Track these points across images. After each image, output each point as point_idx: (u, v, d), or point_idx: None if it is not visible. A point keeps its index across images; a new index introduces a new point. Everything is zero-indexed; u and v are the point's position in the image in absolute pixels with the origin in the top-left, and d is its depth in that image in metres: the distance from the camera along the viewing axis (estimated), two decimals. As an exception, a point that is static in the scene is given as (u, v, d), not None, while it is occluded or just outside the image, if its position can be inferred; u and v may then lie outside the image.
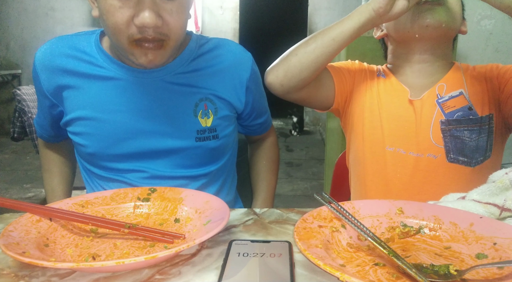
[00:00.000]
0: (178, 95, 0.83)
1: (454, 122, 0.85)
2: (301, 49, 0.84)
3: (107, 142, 0.82)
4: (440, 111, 0.86)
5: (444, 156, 0.85)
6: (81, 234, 0.60)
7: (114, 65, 0.82)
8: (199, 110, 0.84)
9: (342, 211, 0.60)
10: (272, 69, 0.87)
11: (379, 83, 0.94)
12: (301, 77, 0.84)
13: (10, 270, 0.51)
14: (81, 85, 0.82)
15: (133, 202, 0.69)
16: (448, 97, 0.87)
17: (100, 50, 0.83)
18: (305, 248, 0.48)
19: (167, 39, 0.73)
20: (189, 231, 0.60)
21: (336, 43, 0.82)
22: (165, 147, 0.84)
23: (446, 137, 0.85)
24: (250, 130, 1.03)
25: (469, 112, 0.85)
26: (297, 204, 2.81)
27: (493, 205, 0.63)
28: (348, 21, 0.82)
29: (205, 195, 0.67)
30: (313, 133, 5.56)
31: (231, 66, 0.88)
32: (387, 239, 0.58)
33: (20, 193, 3.00)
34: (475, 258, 0.52)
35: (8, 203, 0.59)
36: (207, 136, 0.85)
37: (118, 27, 0.70)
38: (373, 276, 0.48)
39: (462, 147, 0.85)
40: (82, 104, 0.82)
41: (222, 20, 5.23)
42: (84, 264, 0.44)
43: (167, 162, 0.85)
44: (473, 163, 0.85)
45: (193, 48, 0.87)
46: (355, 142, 0.96)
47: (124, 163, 0.84)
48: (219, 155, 0.91)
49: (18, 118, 2.84)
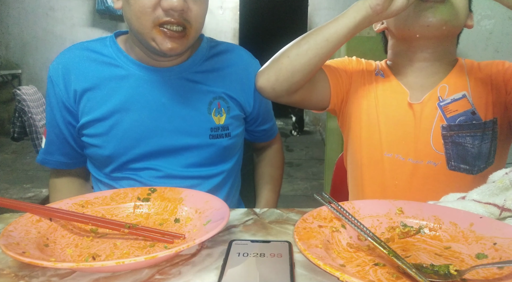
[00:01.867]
0: (193, 92, 0.85)
1: (456, 127, 0.80)
2: (293, 50, 0.79)
3: (125, 141, 0.83)
4: (442, 115, 0.82)
5: (445, 164, 0.81)
6: (81, 234, 0.60)
7: (131, 64, 0.84)
8: (213, 108, 0.86)
9: (342, 211, 0.60)
10: (263, 72, 0.82)
11: (378, 83, 0.90)
12: (294, 80, 0.80)
13: (10, 270, 0.51)
14: (99, 85, 0.83)
15: (133, 202, 0.69)
16: (450, 100, 0.82)
17: (118, 49, 0.85)
18: (305, 248, 0.48)
19: (189, 27, 0.77)
20: (189, 231, 0.60)
21: (330, 43, 0.77)
22: (180, 144, 0.85)
23: (447, 143, 0.81)
24: (255, 137, 1.04)
25: (472, 117, 0.80)
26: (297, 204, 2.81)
27: (493, 205, 0.63)
28: (343, 20, 0.77)
29: (205, 195, 0.67)
30: (313, 133, 5.56)
31: (240, 70, 0.91)
32: (387, 239, 0.58)
33: (20, 193, 3.00)
34: (475, 258, 0.52)
35: (8, 203, 0.59)
36: (220, 134, 0.87)
37: (145, 10, 0.73)
38: (373, 276, 0.48)
39: (464, 154, 0.80)
40: (100, 104, 0.83)
41: (222, 20, 5.22)
42: (84, 264, 0.44)
43: (181, 161, 0.86)
44: (475, 170, 0.80)
45: (205, 49, 0.90)
46: (353, 144, 0.92)
47: (139, 162, 0.85)
48: (230, 155, 0.92)
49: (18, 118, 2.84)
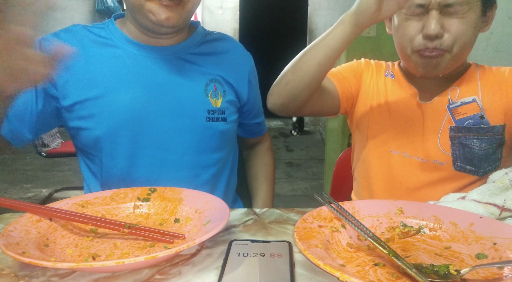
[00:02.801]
0: (189, 72, 0.86)
1: (463, 129, 0.81)
2: (290, 76, 0.80)
3: (117, 120, 0.80)
4: (450, 117, 0.83)
5: (451, 164, 0.82)
6: (81, 234, 0.60)
7: (126, 42, 0.84)
8: (210, 90, 0.86)
9: (342, 211, 0.60)
10: (271, 94, 0.85)
11: (387, 83, 0.91)
12: (299, 100, 0.81)
13: (10, 270, 0.51)
14: (94, 64, 0.81)
15: (133, 202, 0.69)
16: (460, 103, 0.83)
17: (115, 29, 0.85)
18: (305, 248, 0.48)
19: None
20: (189, 231, 0.60)
21: (323, 66, 0.78)
22: (176, 126, 0.83)
23: (454, 144, 0.82)
24: (248, 131, 1.03)
25: (480, 121, 0.81)
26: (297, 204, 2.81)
27: (493, 205, 0.63)
28: (331, 42, 0.76)
29: (205, 195, 0.67)
30: (313, 133, 5.56)
31: (235, 57, 0.92)
32: (387, 239, 0.58)
33: (20, 193, 3.00)
34: (475, 258, 0.52)
35: (8, 203, 0.59)
36: (217, 117, 0.86)
37: None
38: (373, 276, 0.48)
39: (470, 156, 0.81)
40: (94, 83, 0.80)
41: (222, 20, 5.23)
42: (84, 264, 0.44)
43: (177, 145, 0.83)
44: (480, 172, 0.82)
45: (200, 34, 0.91)
46: (360, 141, 0.94)
47: (132, 147, 0.82)
48: (226, 141, 0.91)
49: (18, 118, 2.83)
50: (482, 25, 0.81)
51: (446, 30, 0.76)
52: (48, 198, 2.83)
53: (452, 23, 0.76)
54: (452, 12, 0.76)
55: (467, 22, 0.76)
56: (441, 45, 0.77)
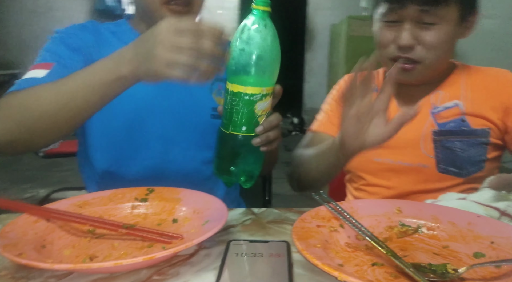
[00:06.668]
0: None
1: (446, 132, 0.82)
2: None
3: (121, 115, 0.81)
4: (433, 121, 0.83)
5: (435, 166, 0.83)
6: (78, 235, 0.60)
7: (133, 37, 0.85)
8: (214, 89, 0.88)
9: (341, 210, 0.60)
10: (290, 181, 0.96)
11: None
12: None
13: (7, 272, 0.50)
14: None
15: (130, 203, 0.69)
16: (443, 107, 0.83)
17: (128, 29, 0.89)
18: (303, 248, 0.48)
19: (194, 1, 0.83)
20: (187, 232, 0.60)
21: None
22: (181, 122, 0.85)
23: (437, 147, 0.82)
24: None
25: (461, 123, 0.82)
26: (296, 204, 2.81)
27: (494, 209, 0.63)
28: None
29: (203, 195, 0.67)
30: (312, 133, 5.56)
31: None
32: (385, 239, 0.58)
33: (18, 194, 2.99)
34: (472, 257, 0.52)
35: (5, 204, 0.58)
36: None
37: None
38: (371, 275, 0.48)
39: (454, 158, 0.82)
40: None
41: (222, 20, 5.23)
42: (81, 265, 0.44)
43: (182, 142, 0.85)
44: (464, 173, 0.82)
45: None
46: None
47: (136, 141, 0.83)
48: None
49: (16, 118, 2.82)
50: (461, 31, 0.81)
51: (419, 42, 0.77)
52: (46, 198, 2.82)
53: (425, 35, 0.77)
54: (426, 23, 0.76)
55: (441, 32, 0.77)
56: (413, 55, 0.78)
